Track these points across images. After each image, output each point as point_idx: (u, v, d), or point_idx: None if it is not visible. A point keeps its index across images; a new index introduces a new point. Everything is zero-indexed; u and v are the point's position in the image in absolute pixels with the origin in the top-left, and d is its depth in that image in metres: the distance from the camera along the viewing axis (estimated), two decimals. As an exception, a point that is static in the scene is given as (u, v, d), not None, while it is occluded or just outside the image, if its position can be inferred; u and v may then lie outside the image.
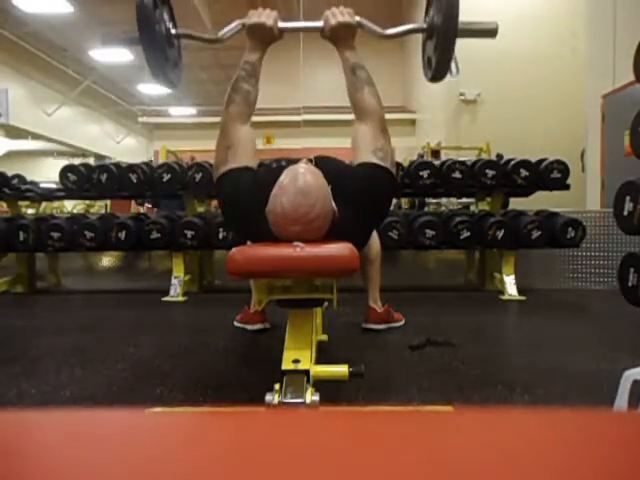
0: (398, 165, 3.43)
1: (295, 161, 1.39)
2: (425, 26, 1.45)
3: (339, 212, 1.25)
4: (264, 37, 1.42)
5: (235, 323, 2.41)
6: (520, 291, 3.24)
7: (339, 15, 1.41)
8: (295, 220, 1.15)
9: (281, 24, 1.43)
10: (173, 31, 1.48)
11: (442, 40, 1.34)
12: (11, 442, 0.31)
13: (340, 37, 1.43)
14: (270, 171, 1.41)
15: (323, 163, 1.38)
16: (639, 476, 0.26)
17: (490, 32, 1.46)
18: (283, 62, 9.46)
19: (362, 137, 1.41)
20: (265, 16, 1.40)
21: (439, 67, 1.41)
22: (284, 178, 1.20)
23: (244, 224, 1.38)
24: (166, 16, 1.44)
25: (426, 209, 5.56)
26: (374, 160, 1.34)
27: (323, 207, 1.17)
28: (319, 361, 1.27)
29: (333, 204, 1.23)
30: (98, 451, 0.29)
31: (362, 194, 1.32)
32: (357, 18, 1.45)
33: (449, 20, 1.31)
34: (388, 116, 1.45)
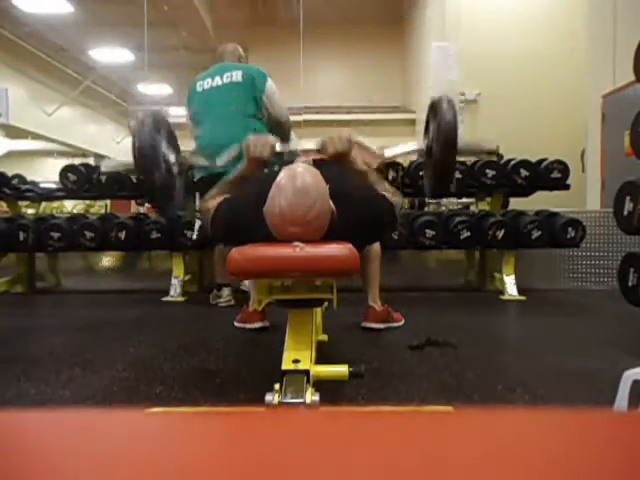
0: (398, 165, 3.43)
1: (291, 162, 1.39)
2: (424, 148, 1.45)
3: (337, 214, 1.24)
4: (260, 162, 1.45)
5: (235, 323, 2.41)
6: (520, 291, 3.24)
7: (338, 144, 1.40)
8: (293, 220, 1.14)
9: (278, 147, 1.44)
10: (172, 159, 1.43)
11: (440, 167, 1.36)
12: (11, 442, 0.31)
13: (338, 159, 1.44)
14: (266, 173, 1.43)
15: (321, 165, 1.38)
16: (639, 476, 0.26)
17: (490, 151, 1.54)
18: (283, 62, 9.46)
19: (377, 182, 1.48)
20: (261, 146, 1.42)
21: (437, 187, 1.43)
22: (282, 178, 1.19)
23: (242, 226, 1.37)
24: (165, 145, 1.39)
25: (426, 209, 5.56)
26: (384, 193, 1.41)
27: (322, 207, 1.17)
28: (319, 361, 1.27)
29: (331, 204, 1.22)
30: (98, 451, 0.29)
31: (365, 227, 1.36)
32: (357, 139, 1.44)
33: (446, 150, 1.32)
34: (388, 116, 1.47)
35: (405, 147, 1.50)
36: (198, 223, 2.96)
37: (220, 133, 2.40)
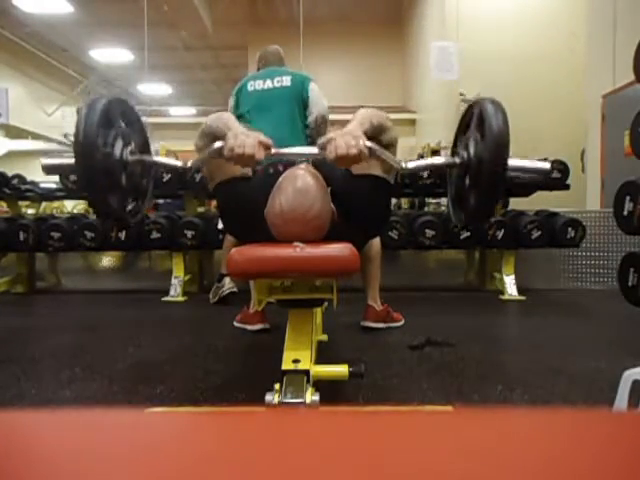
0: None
1: (292, 163, 1.38)
2: (457, 161, 1.15)
3: (338, 215, 1.24)
4: (245, 165, 1.16)
5: (235, 323, 2.41)
6: (520, 291, 3.24)
7: (343, 148, 1.07)
8: (293, 220, 1.14)
9: (273, 150, 1.15)
10: (133, 158, 1.15)
11: (485, 184, 1.05)
12: (11, 442, 0.31)
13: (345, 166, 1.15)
14: (267, 176, 1.40)
15: (321, 164, 1.37)
16: (639, 476, 0.26)
17: (542, 172, 1.19)
18: (283, 62, 9.44)
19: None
20: (247, 157, 1.10)
21: (476, 215, 1.13)
22: (283, 179, 1.20)
23: (244, 230, 1.37)
24: (121, 141, 1.13)
25: (426, 209, 5.56)
26: (379, 173, 1.28)
27: (322, 207, 1.17)
28: (319, 361, 1.27)
29: (332, 206, 1.22)
30: (98, 451, 0.29)
31: (364, 206, 1.29)
32: (368, 145, 1.09)
33: (496, 161, 1.03)
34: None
35: (434, 160, 1.23)
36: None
37: (267, 135, 2.49)
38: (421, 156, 7.00)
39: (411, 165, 1.18)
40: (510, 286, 3.26)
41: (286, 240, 1.16)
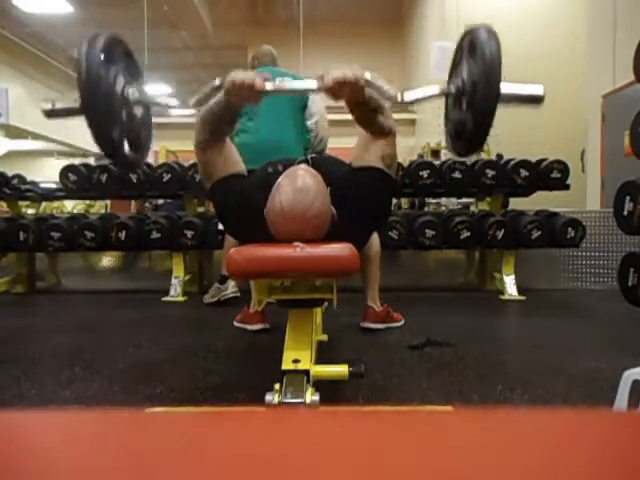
0: (398, 165, 3.44)
1: (292, 162, 1.38)
2: (453, 90, 1.16)
3: (338, 214, 1.24)
4: (245, 99, 1.19)
5: (235, 323, 2.41)
6: (520, 291, 3.24)
7: (340, 74, 1.10)
8: (293, 218, 1.15)
9: (267, 85, 1.15)
10: (134, 96, 1.15)
11: (476, 117, 1.06)
12: (11, 442, 0.31)
13: (342, 97, 1.15)
14: (266, 175, 1.39)
15: (321, 163, 1.37)
16: (639, 476, 0.26)
17: (535, 99, 1.18)
18: (283, 62, 9.44)
19: (372, 141, 1.30)
20: (247, 89, 1.13)
21: (473, 140, 1.13)
22: (283, 178, 1.20)
23: (242, 229, 1.37)
24: (122, 78, 1.14)
25: (426, 209, 5.56)
26: (379, 166, 1.28)
27: (321, 207, 1.17)
28: (319, 361, 1.27)
29: (332, 208, 1.22)
30: (98, 451, 0.29)
31: (364, 200, 1.29)
32: (367, 76, 1.13)
33: (488, 83, 1.03)
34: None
35: (426, 90, 1.19)
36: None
37: (269, 135, 2.50)
38: (421, 156, 7.00)
39: (408, 97, 1.18)
40: (510, 286, 3.26)
41: (286, 239, 1.16)
